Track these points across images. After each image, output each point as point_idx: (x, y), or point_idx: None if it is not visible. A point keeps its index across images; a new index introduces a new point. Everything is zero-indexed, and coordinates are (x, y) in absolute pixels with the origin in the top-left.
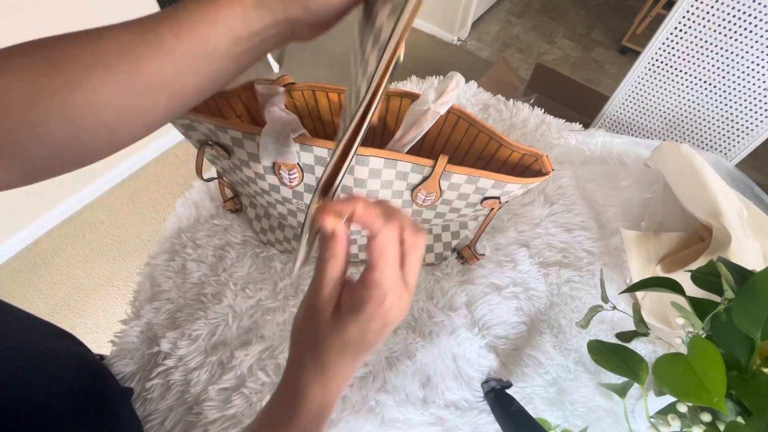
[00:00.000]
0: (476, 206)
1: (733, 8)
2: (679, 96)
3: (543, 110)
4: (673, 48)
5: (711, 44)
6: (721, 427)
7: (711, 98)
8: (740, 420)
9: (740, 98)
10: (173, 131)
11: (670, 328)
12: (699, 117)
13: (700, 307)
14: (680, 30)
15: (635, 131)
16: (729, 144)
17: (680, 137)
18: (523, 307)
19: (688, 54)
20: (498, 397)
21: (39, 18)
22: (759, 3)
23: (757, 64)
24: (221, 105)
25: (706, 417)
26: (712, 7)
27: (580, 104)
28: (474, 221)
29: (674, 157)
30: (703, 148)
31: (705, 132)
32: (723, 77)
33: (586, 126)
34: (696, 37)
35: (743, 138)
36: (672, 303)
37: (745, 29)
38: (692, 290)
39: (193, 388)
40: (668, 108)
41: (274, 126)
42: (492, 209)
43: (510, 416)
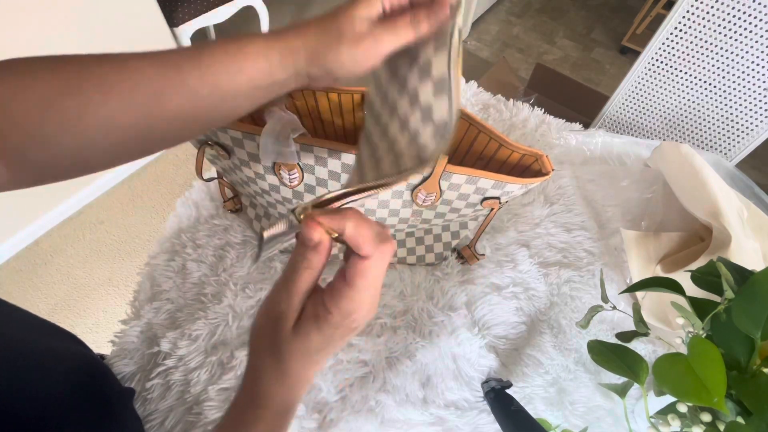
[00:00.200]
0: (476, 206)
1: (733, 8)
2: (679, 96)
3: (543, 110)
4: (673, 48)
5: (711, 44)
6: (721, 427)
7: (711, 98)
8: (740, 420)
9: (740, 98)
10: None
11: (670, 328)
12: (699, 117)
13: (700, 307)
14: (680, 30)
15: (635, 131)
16: (729, 144)
17: (680, 137)
18: (523, 307)
19: (688, 54)
20: (498, 397)
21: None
22: (759, 3)
23: (757, 64)
24: None
25: (706, 417)
26: (712, 7)
27: (580, 104)
28: (474, 221)
29: (674, 157)
30: (703, 148)
31: (705, 132)
32: (723, 77)
33: (586, 126)
34: (696, 37)
35: (743, 138)
36: (672, 303)
37: (745, 29)
38: (692, 290)
39: (193, 388)
40: (668, 108)
41: (274, 126)
42: (492, 209)
43: (510, 416)
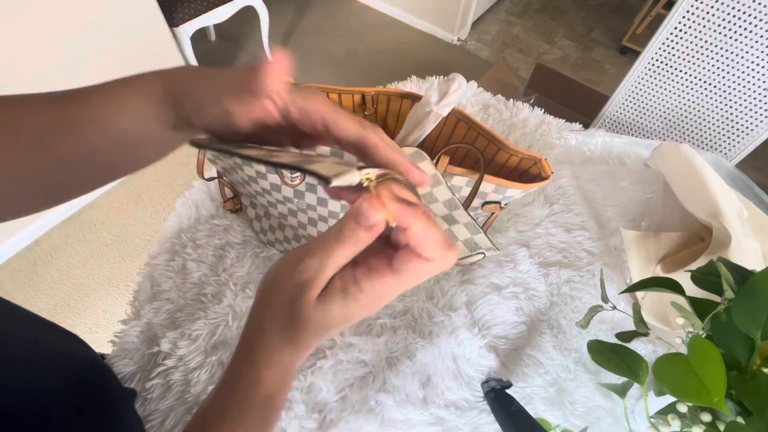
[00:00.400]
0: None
1: (733, 8)
2: (679, 96)
3: (543, 110)
4: (673, 48)
5: (711, 44)
6: (721, 427)
7: (711, 98)
8: (740, 420)
9: (740, 98)
10: None
11: (670, 328)
12: (699, 117)
13: (700, 307)
14: (680, 30)
15: (635, 131)
16: (729, 144)
17: (680, 137)
18: (523, 307)
19: (688, 54)
20: (498, 397)
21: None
22: (759, 3)
23: (757, 64)
24: None
25: (706, 417)
26: (712, 7)
27: (580, 104)
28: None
29: (674, 157)
30: (703, 148)
31: (705, 132)
32: (723, 77)
33: (586, 126)
34: (696, 37)
35: (743, 138)
36: (672, 303)
37: (745, 29)
38: (692, 290)
39: (193, 388)
40: (668, 108)
41: None
42: (493, 213)
43: (510, 416)
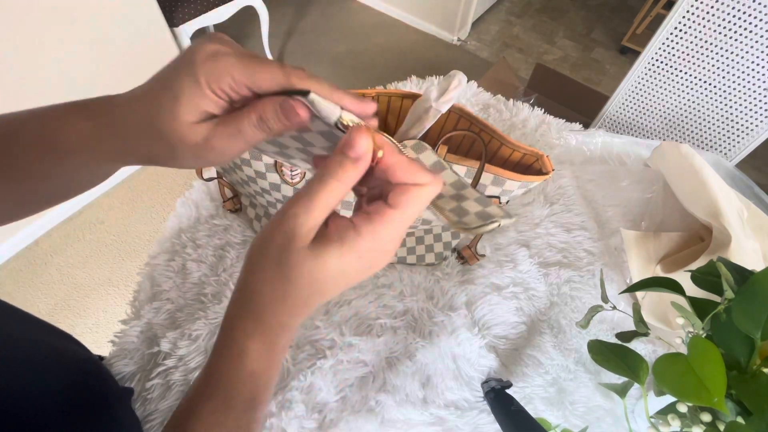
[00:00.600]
0: None
1: (733, 8)
2: (679, 96)
3: (543, 110)
4: (673, 48)
5: (711, 44)
6: (721, 427)
7: (711, 98)
8: (740, 420)
9: (740, 98)
10: None
11: (670, 328)
12: (699, 117)
13: (700, 307)
14: (680, 30)
15: (635, 131)
16: (729, 144)
17: (680, 137)
18: (523, 307)
19: (688, 54)
20: (498, 397)
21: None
22: (759, 3)
23: (757, 64)
24: None
25: (706, 417)
26: (712, 7)
27: (580, 104)
28: None
29: (674, 157)
30: (703, 148)
31: (705, 132)
32: (723, 77)
33: (586, 126)
34: (696, 37)
35: (743, 138)
36: (672, 303)
37: (745, 29)
38: (692, 290)
39: None
40: (668, 108)
41: None
42: None
43: (510, 416)
